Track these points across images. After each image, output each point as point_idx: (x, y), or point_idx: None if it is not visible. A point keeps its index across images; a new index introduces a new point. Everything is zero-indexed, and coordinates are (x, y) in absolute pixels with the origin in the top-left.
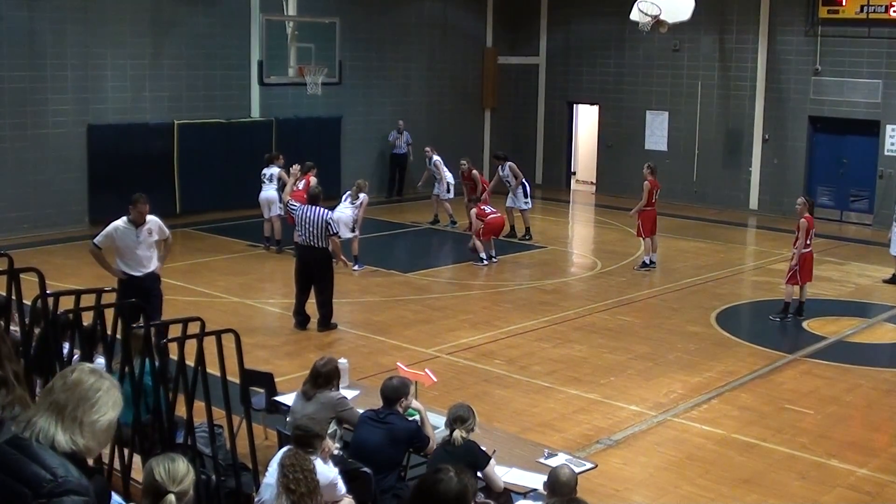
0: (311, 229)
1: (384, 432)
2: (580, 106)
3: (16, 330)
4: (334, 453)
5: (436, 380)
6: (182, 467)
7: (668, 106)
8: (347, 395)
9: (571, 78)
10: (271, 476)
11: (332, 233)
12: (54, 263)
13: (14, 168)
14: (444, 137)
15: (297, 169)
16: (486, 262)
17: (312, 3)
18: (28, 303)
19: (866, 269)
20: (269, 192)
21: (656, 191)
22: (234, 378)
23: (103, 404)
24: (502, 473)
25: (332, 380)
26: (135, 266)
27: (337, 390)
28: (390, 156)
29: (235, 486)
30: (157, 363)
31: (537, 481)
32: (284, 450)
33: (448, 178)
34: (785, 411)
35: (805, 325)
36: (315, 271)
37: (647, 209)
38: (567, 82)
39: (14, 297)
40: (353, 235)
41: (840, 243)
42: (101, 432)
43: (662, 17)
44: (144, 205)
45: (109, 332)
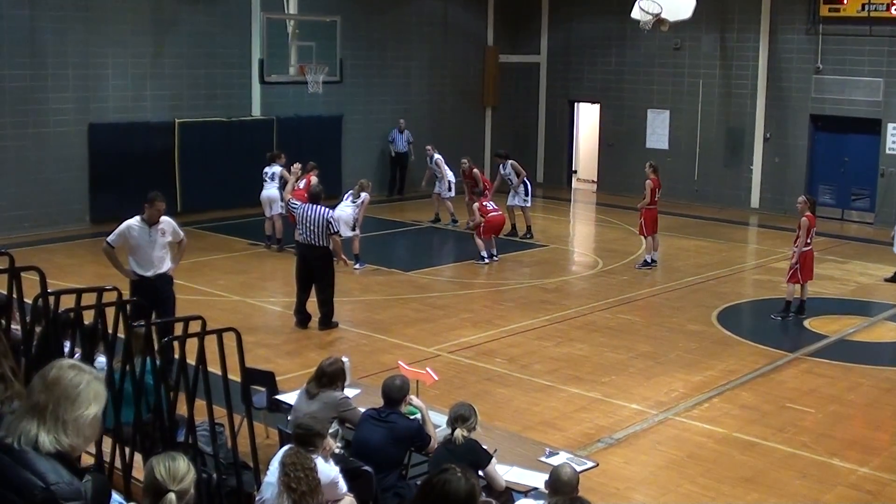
0: (312, 228)
1: (386, 431)
2: (581, 104)
3: (17, 329)
4: (335, 452)
5: (437, 378)
6: (182, 466)
7: (670, 104)
8: (348, 393)
9: (572, 76)
10: (272, 475)
11: (332, 231)
12: (55, 262)
13: (15, 167)
14: (445, 136)
15: (298, 167)
16: (487, 261)
17: (313, 2)
18: (29, 301)
19: (868, 267)
20: (271, 191)
21: (658, 189)
22: (235, 377)
23: (84, 399)
24: (503, 472)
25: (337, 381)
26: (147, 266)
27: (341, 391)
28: (391, 154)
29: (237, 484)
30: (158, 362)
31: (538, 480)
32: (285, 448)
33: (449, 177)
34: (786, 410)
35: (806, 323)
36: (316, 270)
37: (649, 208)
38: (568, 81)
39: (15, 296)
40: (353, 234)
41: (841, 242)
42: (86, 427)
43: (663, 16)
44: (161, 203)
45: (111, 331)
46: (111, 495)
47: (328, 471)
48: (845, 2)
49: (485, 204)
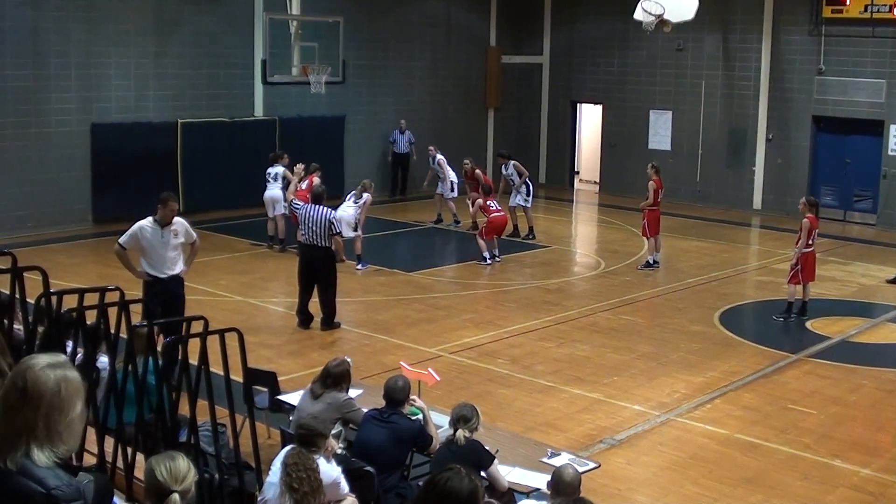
0: (315, 228)
1: (388, 432)
2: (584, 105)
3: (19, 329)
4: (337, 452)
5: (439, 379)
6: (183, 465)
7: (672, 105)
8: (350, 394)
9: (575, 77)
10: (274, 475)
11: (335, 232)
12: (58, 262)
13: (17, 167)
14: (447, 137)
15: (301, 168)
16: (489, 262)
17: (316, 3)
18: (31, 301)
19: (870, 268)
20: (274, 191)
21: (660, 190)
22: (237, 377)
23: (70, 400)
24: (505, 473)
25: (342, 382)
26: (160, 268)
27: (345, 392)
28: (392, 155)
29: (238, 484)
30: (160, 362)
31: (540, 481)
32: (288, 449)
33: (451, 178)
34: (788, 411)
35: (808, 325)
36: (318, 270)
37: (652, 209)
38: (570, 81)
39: (17, 296)
40: (355, 234)
41: (843, 243)
42: (78, 424)
43: (666, 17)
44: (174, 204)
45: (113, 331)
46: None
47: (330, 471)
48: (848, 3)
49: (489, 204)
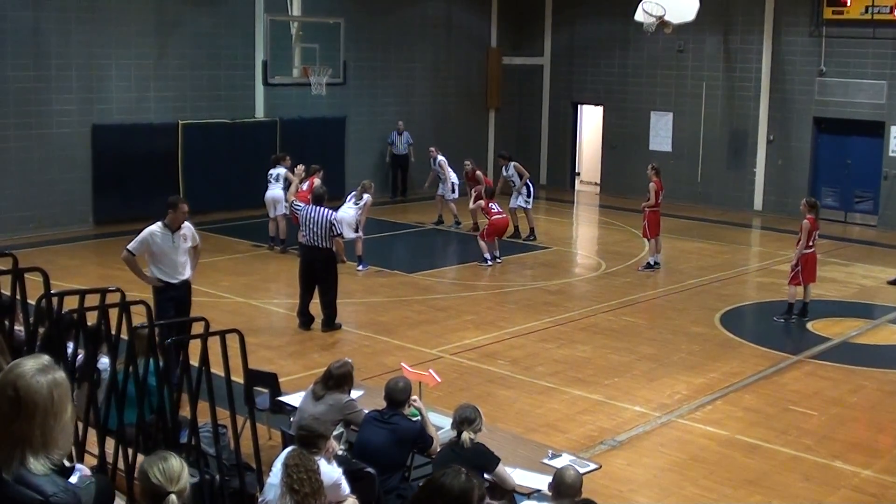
0: (316, 230)
1: (388, 433)
2: (584, 106)
3: (20, 330)
4: (338, 453)
5: (439, 380)
6: (176, 465)
7: (673, 107)
8: (351, 395)
9: (576, 78)
10: (275, 476)
11: (336, 233)
12: (59, 263)
13: (18, 168)
14: (448, 138)
15: (302, 169)
16: (490, 263)
17: (317, 4)
18: (32, 302)
19: (871, 270)
20: (275, 191)
21: (661, 192)
22: (238, 378)
23: (61, 404)
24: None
25: (344, 384)
26: (171, 273)
27: (347, 394)
28: (391, 157)
29: (239, 486)
30: (161, 363)
31: (541, 482)
32: (288, 450)
33: (452, 179)
34: (789, 412)
35: (809, 326)
36: (319, 271)
37: (652, 210)
38: (571, 83)
39: (18, 297)
40: (356, 236)
41: (844, 244)
42: (70, 426)
43: (667, 18)
44: (185, 206)
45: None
46: (114, 497)
47: (331, 472)
48: (849, 4)
49: (490, 206)
